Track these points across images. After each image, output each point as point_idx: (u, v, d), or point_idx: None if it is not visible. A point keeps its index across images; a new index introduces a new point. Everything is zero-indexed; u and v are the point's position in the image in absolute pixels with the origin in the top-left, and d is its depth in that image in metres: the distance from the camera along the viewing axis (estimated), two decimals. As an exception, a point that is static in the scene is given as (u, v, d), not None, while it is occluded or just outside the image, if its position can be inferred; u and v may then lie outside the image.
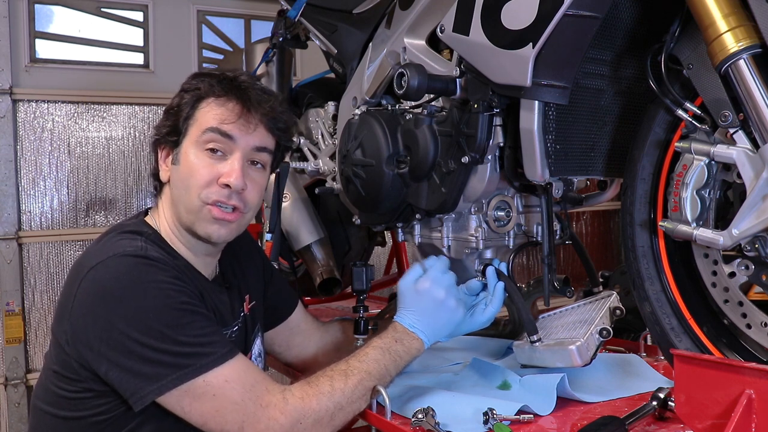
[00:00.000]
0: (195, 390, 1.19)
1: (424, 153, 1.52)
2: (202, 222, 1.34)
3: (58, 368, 1.27)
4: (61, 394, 1.26)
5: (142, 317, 1.18)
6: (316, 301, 2.56)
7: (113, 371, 1.19)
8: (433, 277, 1.41)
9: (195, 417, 1.21)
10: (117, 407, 1.23)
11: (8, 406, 3.37)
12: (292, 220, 2.22)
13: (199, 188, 1.32)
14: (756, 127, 1.07)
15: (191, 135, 1.34)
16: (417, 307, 1.39)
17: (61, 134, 3.53)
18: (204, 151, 1.33)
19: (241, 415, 1.20)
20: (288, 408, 1.21)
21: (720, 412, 1.00)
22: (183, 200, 1.35)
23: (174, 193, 1.37)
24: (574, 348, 1.32)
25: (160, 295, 1.20)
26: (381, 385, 1.28)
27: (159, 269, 1.23)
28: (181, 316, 1.20)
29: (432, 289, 1.40)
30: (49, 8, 3.56)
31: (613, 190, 1.65)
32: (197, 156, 1.33)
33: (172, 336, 1.18)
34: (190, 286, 1.28)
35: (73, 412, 1.26)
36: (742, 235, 1.10)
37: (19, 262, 3.39)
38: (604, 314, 1.38)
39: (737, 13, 1.06)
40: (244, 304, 1.51)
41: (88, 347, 1.20)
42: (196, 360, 1.19)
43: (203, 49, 3.92)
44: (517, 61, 1.25)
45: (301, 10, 2.09)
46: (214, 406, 1.19)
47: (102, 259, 1.23)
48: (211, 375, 1.19)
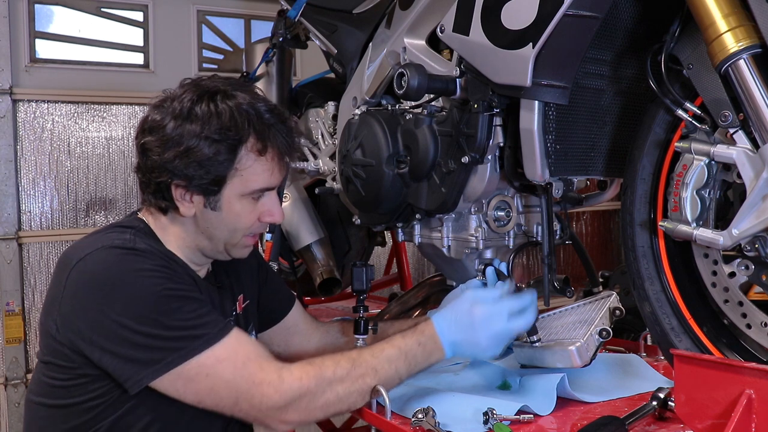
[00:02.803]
0: (188, 372, 1.21)
1: (424, 153, 1.52)
2: (237, 249, 1.42)
3: (49, 359, 1.28)
4: (55, 383, 1.28)
5: (132, 305, 1.21)
6: (316, 301, 2.56)
7: (107, 358, 1.21)
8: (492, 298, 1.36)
9: (190, 397, 1.24)
10: (112, 390, 1.25)
11: (8, 406, 3.37)
12: (292, 220, 2.22)
13: (245, 230, 1.39)
14: (756, 127, 1.07)
15: (234, 187, 1.33)
16: (459, 321, 1.34)
17: (61, 134, 3.53)
18: (250, 200, 1.36)
19: (234, 392, 1.22)
20: (283, 387, 1.22)
21: (720, 412, 1.00)
22: (223, 238, 1.39)
23: (210, 231, 1.38)
24: (573, 349, 1.32)
25: (149, 283, 1.23)
26: (386, 386, 1.27)
27: (147, 258, 1.26)
28: (170, 302, 1.23)
29: (485, 313, 1.33)
30: (49, 8, 3.56)
31: (613, 190, 1.65)
32: (243, 206, 1.36)
33: (163, 321, 1.21)
34: (179, 273, 1.31)
35: (68, 399, 1.27)
36: (742, 235, 1.10)
37: (19, 262, 3.39)
38: (604, 314, 1.38)
39: (737, 13, 1.06)
40: (237, 303, 1.52)
41: (79, 336, 1.22)
42: (187, 343, 1.21)
43: (203, 49, 3.92)
44: (517, 61, 1.25)
45: (301, 10, 2.09)
46: (208, 385, 1.22)
47: (90, 251, 1.26)
48: (204, 356, 1.21)
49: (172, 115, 1.31)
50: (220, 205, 1.35)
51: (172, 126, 1.30)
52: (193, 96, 1.32)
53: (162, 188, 1.33)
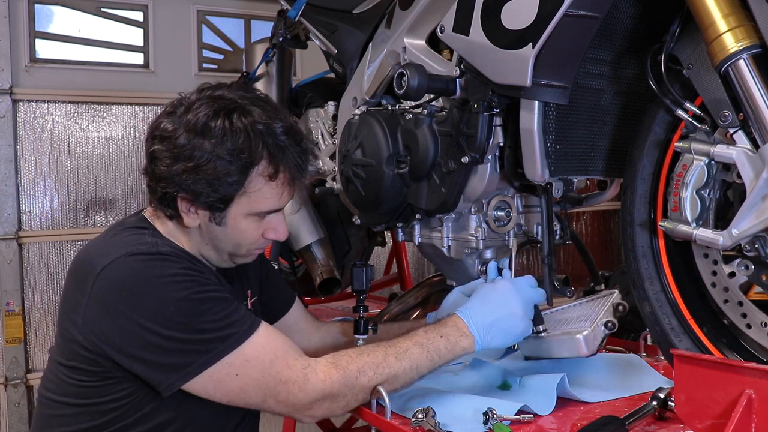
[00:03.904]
0: (218, 373, 1.23)
1: (424, 153, 1.52)
2: (239, 259, 1.44)
3: (75, 364, 1.28)
4: (83, 385, 1.28)
5: (161, 311, 1.22)
6: (316, 301, 2.56)
7: (138, 365, 1.23)
8: (515, 282, 1.38)
9: (220, 397, 1.26)
10: (140, 389, 1.27)
11: (8, 406, 3.37)
12: (292, 220, 2.22)
13: (249, 246, 1.41)
14: (756, 127, 1.07)
15: (242, 206, 1.33)
16: (488, 301, 1.35)
17: (61, 134, 3.53)
18: (256, 218, 1.37)
19: (263, 390, 1.25)
20: (308, 387, 1.25)
21: (720, 412, 1.00)
22: (228, 250, 1.40)
23: (214, 243, 1.39)
24: (581, 337, 1.31)
25: (176, 288, 1.23)
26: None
27: (173, 262, 1.27)
28: (198, 305, 1.24)
29: (509, 291, 1.36)
30: (49, 8, 3.55)
31: (613, 190, 1.65)
32: (248, 225, 1.37)
33: (192, 325, 1.22)
34: (204, 273, 1.32)
35: (96, 398, 1.28)
36: (741, 235, 1.10)
37: (19, 262, 3.39)
38: (608, 309, 1.38)
39: (737, 13, 1.06)
40: (248, 298, 1.54)
41: (109, 344, 1.23)
42: (217, 344, 1.23)
43: (203, 49, 3.91)
44: (517, 61, 1.25)
45: (301, 10, 2.09)
46: (238, 384, 1.24)
47: (114, 257, 1.25)
48: (233, 356, 1.23)
49: (185, 128, 1.28)
50: (226, 221, 1.35)
51: (184, 139, 1.28)
52: (209, 111, 1.29)
53: (168, 198, 1.33)
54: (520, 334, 1.35)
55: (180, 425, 1.30)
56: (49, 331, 3.43)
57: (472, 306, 1.36)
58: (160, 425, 1.29)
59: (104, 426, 1.28)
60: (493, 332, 1.33)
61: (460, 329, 1.33)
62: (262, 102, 1.36)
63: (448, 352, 1.31)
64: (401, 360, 1.29)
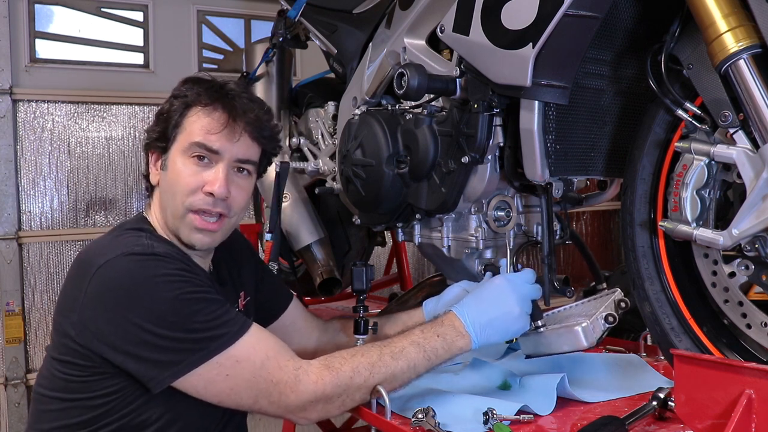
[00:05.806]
0: (209, 373, 1.24)
1: (424, 153, 1.52)
2: (185, 229, 1.38)
3: (68, 358, 1.29)
4: (74, 379, 1.30)
5: (154, 310, 1.23)
6: (316, 301, 2.56)
7: (130, 362, 1.24)
8: (511, 278, 1.38)
9: (210, 397, 1.27)
10: (130, 385, 1.28)
11: (8, 406, 3.37)
12: (292, 220, 2.22)
13: (184, 195, 1.36)
14: (756, 127, 1.07)
15: (179, 143, 1.38)
16: (483, 299, 1.35)
17: (61, 134, 3.53)
18: (190, 158, 1.37)
19: (254, 391, 1.26)
20: (300, 388, 1.25)
21: (720, 412, 1.00)
22: (169, 205, 1.39)
23: (162, 197, 1.41)
24: (579, 329, 1.30)
25: (170, 288, 1.25)
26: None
27: (167, 263, 1.28)
28: (190, 305, 1.25)
29: (505, 288, 1.35)
30: (49, 8, 3.56)
31: (613, 190, 1.65)
32: (184, 164, 1.37)
33: (184, 324, 1.23)
34: (198, 275, 1.33)
35: (86, 393, 1.29)
36: (742, 235, 1.10)
37: (19, 262, 3.39)
38: (609, 305, 1.37)
39: (737, 13, 1.06)
40: (239, 300, 1.54)
41: (102, 341, 1.25)
42: (208, 344, 1.24)
43: (203, 49, 3.92)
44: (517, 61, 1.25)
45: (301, 10, 2.09)
46: (228, 385, 1.25)
47: (110, 257, 1.27)
48: (223, 356, 1.24)
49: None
50: (167, 163, 1.39)
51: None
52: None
53: (146, 161, 1.44)
54: (518, 331, 1.36)
55: (167, 421, 1.31)
56: (48, 331, 3.42)
57: (468, 304, 1.36)
58: (148, 421, 1.30)
59: (93, 421, 1.29)
60: (489, 331, 1.33)
61: (457, 329, 1.33)
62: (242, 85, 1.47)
63: (444, 351, 1.32)
64: (397, 359, 1.29)
